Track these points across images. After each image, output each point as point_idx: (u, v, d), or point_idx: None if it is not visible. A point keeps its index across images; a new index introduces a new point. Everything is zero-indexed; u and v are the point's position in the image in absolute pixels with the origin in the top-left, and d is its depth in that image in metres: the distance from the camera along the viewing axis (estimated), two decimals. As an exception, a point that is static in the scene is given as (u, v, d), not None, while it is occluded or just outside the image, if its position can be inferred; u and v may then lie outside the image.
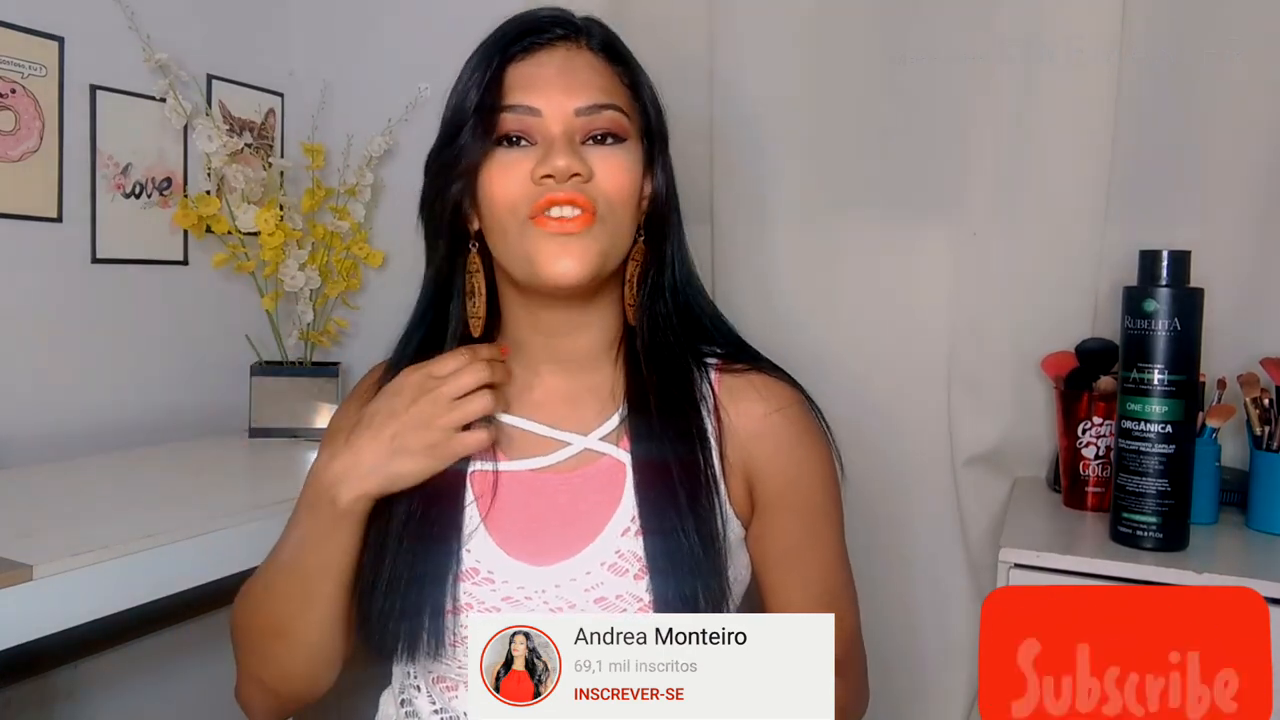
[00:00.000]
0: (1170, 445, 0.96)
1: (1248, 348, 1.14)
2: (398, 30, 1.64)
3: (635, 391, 0.80)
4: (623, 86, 0.79)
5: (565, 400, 0.82)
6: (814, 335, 1.35)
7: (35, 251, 1.32)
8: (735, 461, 0.80)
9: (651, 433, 0.79)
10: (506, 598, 0.77)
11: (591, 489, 0.79)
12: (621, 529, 0.77)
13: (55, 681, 1.27)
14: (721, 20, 1.37)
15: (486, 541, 0.78)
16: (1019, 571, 0.98)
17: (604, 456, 0.80)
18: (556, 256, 0.73)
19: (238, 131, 1.57)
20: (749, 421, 0.80)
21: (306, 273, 1.52)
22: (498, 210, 0.75)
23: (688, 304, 0.84)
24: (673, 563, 0.75)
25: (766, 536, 0.82)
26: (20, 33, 1.27)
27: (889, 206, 1.34)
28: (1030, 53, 1.23)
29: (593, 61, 0.78)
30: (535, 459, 0.80)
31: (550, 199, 0.73)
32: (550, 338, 0.81)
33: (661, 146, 0.82)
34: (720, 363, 0.83)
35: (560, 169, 0.72)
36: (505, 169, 0.75)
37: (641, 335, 0.82)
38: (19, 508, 1.07)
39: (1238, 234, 1.18)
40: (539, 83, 0.76)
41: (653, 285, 0.82)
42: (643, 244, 0.81)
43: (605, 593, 0.76)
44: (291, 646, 0.79)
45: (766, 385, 0.82)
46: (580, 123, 0.75)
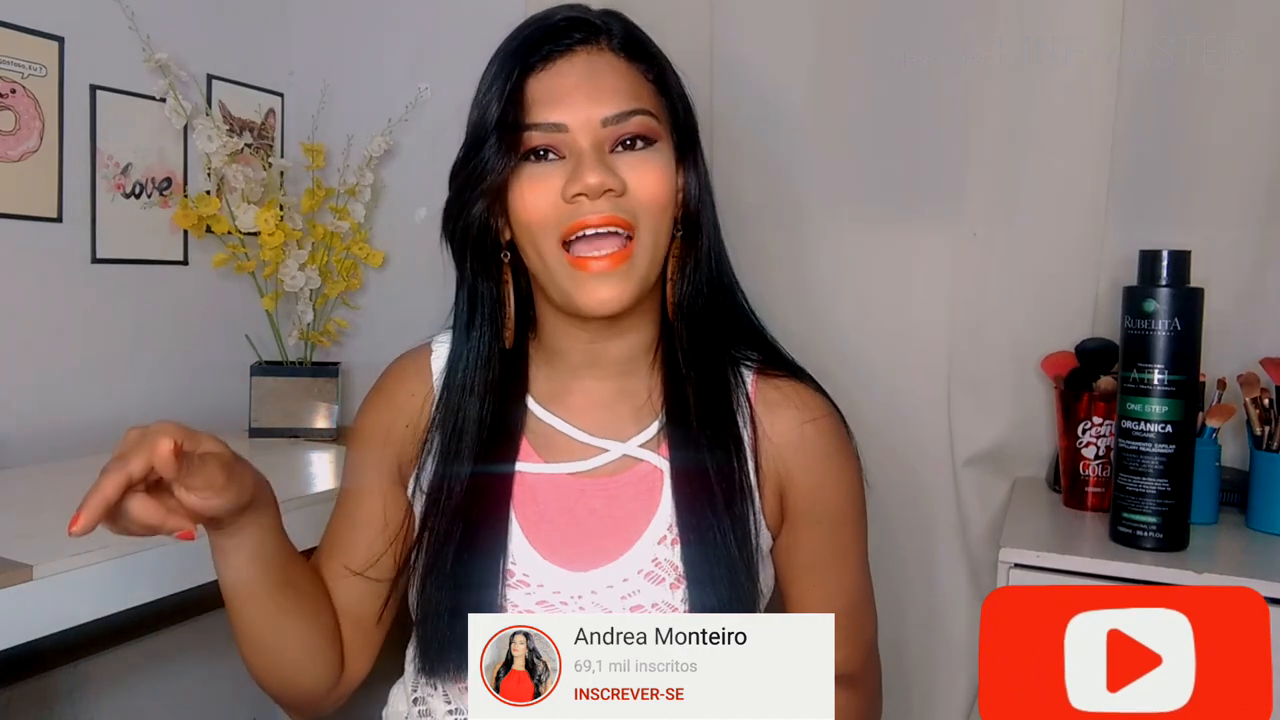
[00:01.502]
0: (1170, 445, 0.96)
1: (1248, 348, 1.14)
2: (398, 30, 1.64)
3: (674, 398, 0.79)
4: (648, 85, 0.77)
5: (604, 406, 0.81)
6: (812, 335, 1.35)
7: (35, 251, 1.32)
8: (769, 471, 0.80)
9: (690, 440, 0.78)
10: (541, 601, 0.76)
11: (629, 495, 0.78)
12: (659, 537, 0.77)
13: (55, 681, 1.27)
14: (721, 20, 1.37)
15: (523, 545, 0.77)
16: (1019, 571, 0.98)
17: (642, 463, 0.79)
18: (595, 291, 0.72)
19: (238, 131, 1.57)
20: (784, 432, 0.80)
21: (306, 273, 1.52)
22: (532, 228, 0.74)
23: (724, 298, 0.82)
24: (710, 573, 0.75)
25: (795, 547, 0.82)
26: (20, 33, 1.27)
27: (888, 206, 1.34)
28: (1031, 53, 1.23)
29: (615, 64, 0.76)
30: (573, 463, 0.80)
31: (584, 222, 0.71)
32: (590, 344, 0.80)
33: (692, 141, 0.80)
34: (757, 369, 0.82)
35: (593, 187, 0.71)
36: (535, 184, 0.73)
37: (680, 336, 0.80)
38: (19, 508, 1.07)
39: (1238, 234, 1.18)
40: (562, 95, 0.73)
41: (690, 282, 0.80)
42: (680, 241, 0.79)
43: (642, 600, 0.75)
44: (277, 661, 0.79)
45: (802, 396, 0.81)
46: (608, 132, 0.73)
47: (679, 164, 0.79)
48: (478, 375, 0.80)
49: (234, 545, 0.71)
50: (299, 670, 0.79)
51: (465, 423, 0.79)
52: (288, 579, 0.75)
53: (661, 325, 0.82)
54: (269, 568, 0.73)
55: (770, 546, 0.82)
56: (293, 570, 0.76)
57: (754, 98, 1.36)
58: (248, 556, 0.71)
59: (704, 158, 0.81)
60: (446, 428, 0.80)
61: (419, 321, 0.89)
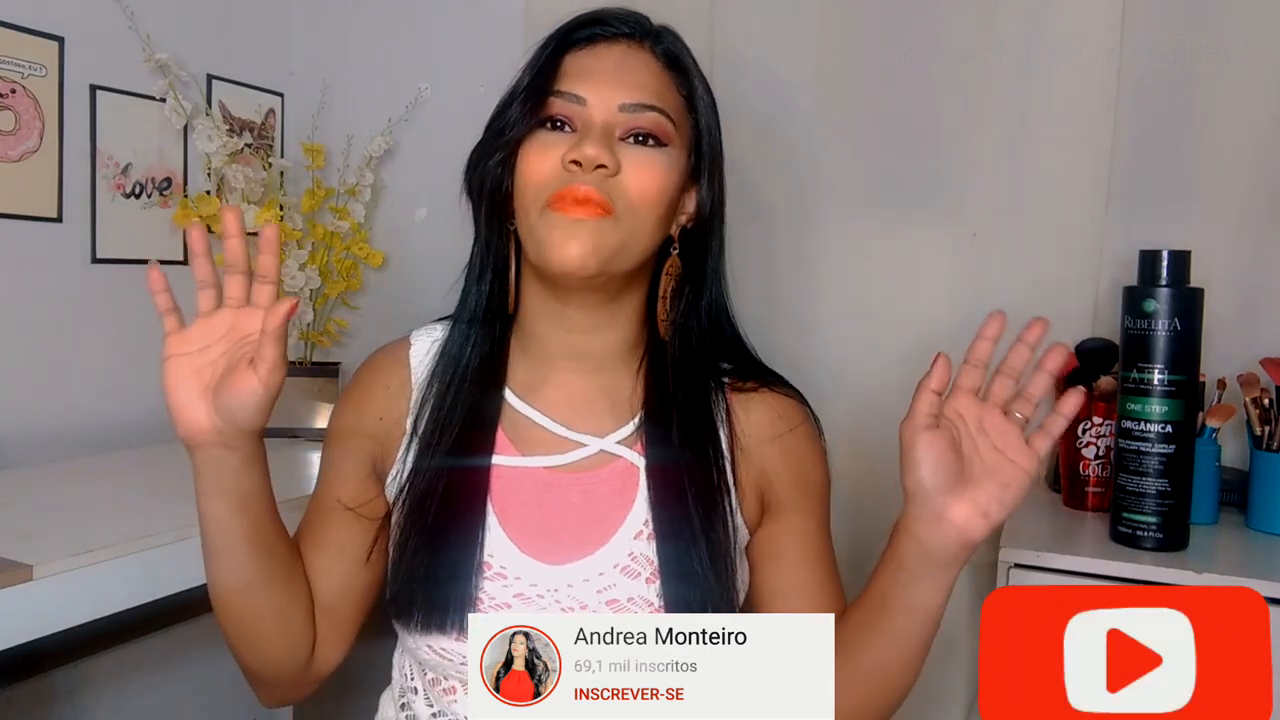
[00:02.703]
0: (1170, 445, 0.96)
1: (1248, 348, 1.14)
2: (398, 30, 1.64)
3: (656, 402, 0.81)
4: (676, 94, 0.79)
5: (582, 401, 0.82)
6: (812, 335, 1.35)
7: (35, 251, 1.32)
8: (746, 472, 0.81)
9: (667, 439, 0.79)
10: (518, 594, 0.77)
11: (605, 491, 0.79)
12: (634, 532, 0.78)
13: (55, 681, 1.27)
14: (721, 20, 1.37)
15: (500, 537, 0.78)
16: (1019, 571, 0.98)
17: (618, 459, 0.80)
18: (564, 240, 0.73)
19: (238, 131, 1.57)
20: (760, 429, 0.82)
21: (306, 273, 1.52)
22: (527, 190, 0.75)
23: (718, 323, 0.84)
24: (684, 567, 0.76)
25: (780, 536, 0.83)
26: (20, 33, 1.27)
27: (888, 206, 1.34)
28: (1031, 53, 1.23)
29: (650, 63, 0.78)
30: (550, 456, 0.80)
31: (571, 190, 0.73)
32: (568, 333, 0.81)
33: (713, 164, 0.81)
34: (733, 380, 0.84)
35: (588, 157, 0.72)
36: (543, 149, 0.75)
37: (673, 351, 0.82)
38: (19, 508, 1.07)
39: (1238, 234, 1.18)
40: (591, 73, 0.76)
41: (688, 303, 0.82)
42: (677, 258, 0.81)
43: (617, 594, 0.76)
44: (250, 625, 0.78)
45: (777, 400, 0.84)
46: (623, 119, 0.75)
47: (692, 184, 0.80)
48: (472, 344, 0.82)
49: (231, 465, 0.72)
50: (270, 643, 0.79)
51: (443, 411, 0.81)
52: (264, 533, 0.75)
53: (648, 334, 0.83)
54: (246, 508, 0.73)
55: (746, 544, 0.83)
56: (272, 528, 0.77)
57: (754, 98, 1.36)
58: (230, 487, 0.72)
59: (722, 190, 0.82)
60: (425, 416, 0.81)
61: (419, 321, 0.88)
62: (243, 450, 0.72)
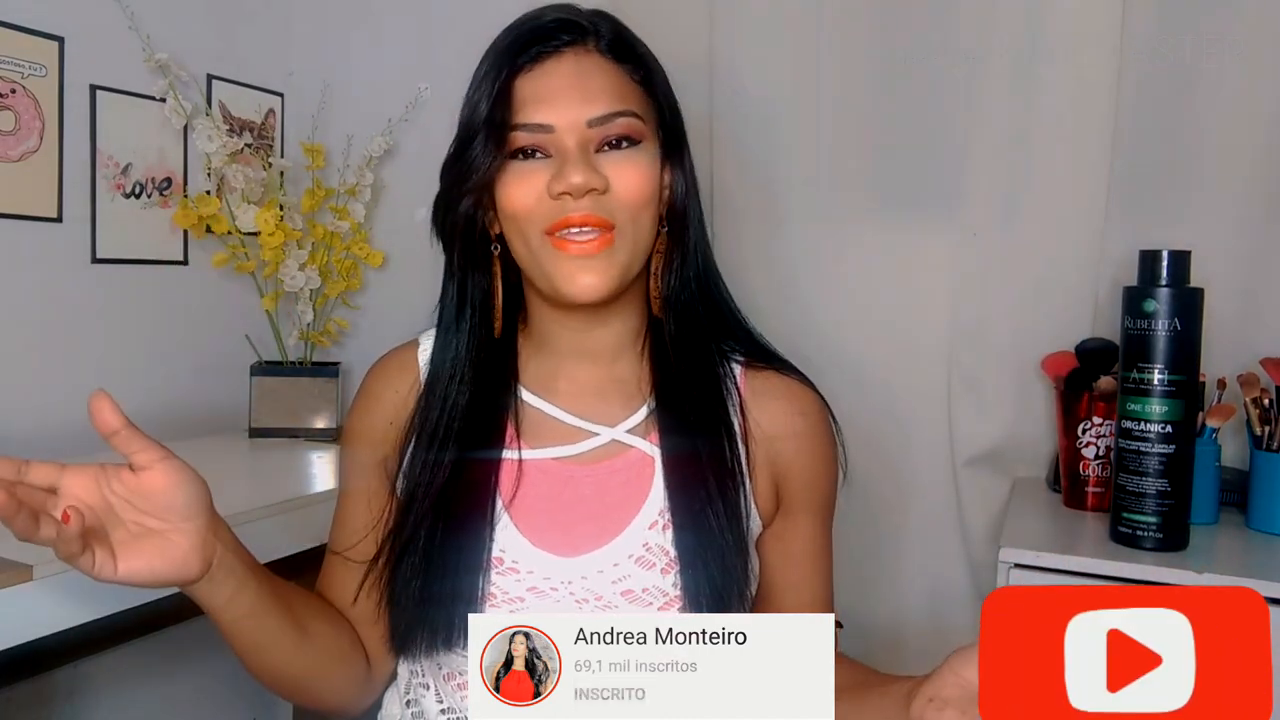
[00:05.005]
0: (1170, 445, 0.96)
1: (1248, 348, 1.14)
2: (398, 30, 1.64)
3: (663, 384, 0.81)
4: (635, 86, 0.78)
5: (592, 392, 0.82)
6: (814, 335, 1.35)
7: (35, 251, 1.32)
8: (761, 459, 0.81)
9: (681, 427, 0.79)
10: (532, 588, 0.76)
11: (618, 481, 0.79)
12: (649, 522, 0.77)
13: (55, 681, 1.27)
14: (721, 20, 1.37)
15: (511, 530, 0.78)
16: (1019, 571, 0.99)
17: (631, 449, 0.80)
18: (575, 275, 0.73)
19: (238, 131, 1.57)
20: (775, 421, 0.82)
21: (306, 273, 1.52)
22: (518, 221, 0.75)
23: (709, 292, 0.84)
24: (702, 557, 0.75)
25: (788, 535, 0.83)
26: (20, 33, 1.27)
27: (889, 207, 1.34)
28: (1031, 53, 1.23)
29: (602, 65, 0.77)
30: (560, 448, 0.80)
31: (566, 220, 0.72)
32: (576, 332, 0.81)
33: (678, 141, 0.81)
34: (745, 361, 0.84)
35: (577, 186, 0.72)
36: (520, 181, 0.74)
37: (668, 326, 0.82)
38: (19, 508, 1.07)
39: (1238, 234, 1.18)
40: (549, 95, 0.74)
41: (677, 276, 0.82)
42: (665, 235, 0.80)
43: (633, 585, 0.76)
44: (308, 682, 0.80)
45: (791, 388, 0.83)
46: (595, 133, 0.74)
47: (665, 163, 0.80)
48: (465, 363, 0.81)
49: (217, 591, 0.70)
50: (330, 683, 0.80)
51: (452, 410, 0.80)
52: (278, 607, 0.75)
53: (648, 316, 0.83)
54: (254, 611, 0.73)
55: (759, 534, 0.83)
56: (283, 595, 0.76)
57: (754, 99, 1.37)
58: (226, 603, 0.71)
59: (690, 157, 0.82)
60: (432, 416, 0.81)
61: (419, 321, 0.88)
62: (212, 575, 0.69)
